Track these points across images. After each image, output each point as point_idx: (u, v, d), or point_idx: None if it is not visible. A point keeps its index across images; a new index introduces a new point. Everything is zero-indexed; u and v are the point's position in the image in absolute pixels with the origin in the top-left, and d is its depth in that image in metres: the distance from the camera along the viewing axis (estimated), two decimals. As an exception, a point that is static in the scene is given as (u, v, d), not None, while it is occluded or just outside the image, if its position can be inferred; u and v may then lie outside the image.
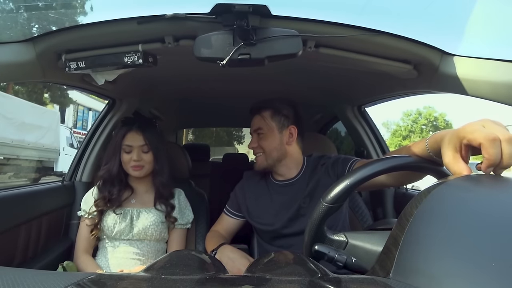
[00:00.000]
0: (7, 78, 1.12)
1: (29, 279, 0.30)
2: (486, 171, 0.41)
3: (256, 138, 1.05)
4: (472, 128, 0.43)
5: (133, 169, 1.07)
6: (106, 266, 1.05)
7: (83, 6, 0.96)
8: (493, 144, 0.41)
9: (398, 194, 1.43)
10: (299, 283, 0.38)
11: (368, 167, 0.55)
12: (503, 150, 0.41)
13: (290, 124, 1.04)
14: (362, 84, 1.27)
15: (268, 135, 1.03)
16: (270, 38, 0.72)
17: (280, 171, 1.06)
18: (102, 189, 1.09)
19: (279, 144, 1.03)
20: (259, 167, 1.05)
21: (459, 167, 0.45)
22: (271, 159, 1.03)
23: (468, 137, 0.44)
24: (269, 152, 1.02)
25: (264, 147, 1.03)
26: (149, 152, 1.09)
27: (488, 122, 0.44)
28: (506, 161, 0.41)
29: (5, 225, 0.93)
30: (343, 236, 0.56)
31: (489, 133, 0.42)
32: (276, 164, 1.04)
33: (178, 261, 0.50)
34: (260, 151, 1.04)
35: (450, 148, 0.46)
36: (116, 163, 1.08)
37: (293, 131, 1.04)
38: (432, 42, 0.79)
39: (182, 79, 1.35)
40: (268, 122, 1.03)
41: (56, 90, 12.30)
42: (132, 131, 1.08)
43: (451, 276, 0.29)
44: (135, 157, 1.06)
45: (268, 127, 1.03)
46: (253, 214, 1.06)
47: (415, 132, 21.54)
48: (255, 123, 1.05)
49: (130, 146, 1.07)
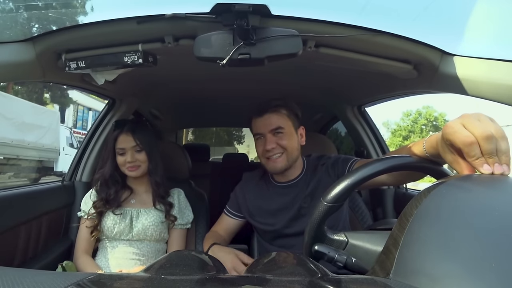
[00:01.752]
0: (7, 78, 1.12)
1: (29, 279, 0.30)
2: (482, 171, 0.42)
3: (273, 139, 0.97)
4: (452, 129, 0.43)
5: (129, 170, 1.09)
6: (106, 267, 1.05)
7: (83, 6, 0.96)
8: (471, 148, 0.41)
9: (398, 194, 1.43)
10: (299, 283, 0.38)
11: (368, 167, 0.54)
12: (482, 149, 0.41)
13: (300, 124, 1.04)
14: (362, 84, 1.27)
15: (290, 134, 0.98)
16: (270, 38, 0.71)
17: (288, 172, 1.02)
18: (100, 191, 1.10)
19: (298, 144, 1.00)
20: (277, 168, 0.98)
21: (459, 167, 0.45)
22: (292, 159, 0.99)
23: (449, 138, 0.44)
24: (291, 151, 0.97)
25: (286, 147, 0.97)
26: (142, 151, 1.10)
27: (468, 119, 0.43)
28: (490, 159, 0.41)
29: (5, 225, 0.93)
30: (343, 236, 0.56)
31: (466, 137, 0.42)
32: (292, 165, 1.00)
33: (178, 261, 0.50)
34: (279, 151, 0.97)
35: (446, 151, 0.47)
36: (110, 166, 1.10)
37: (303, 132, 1.04)
38: (432, 42, 0.79)
39: (182, 79, 1.35)
40: (287, 120, 0.99)
41: (56, 90, 12.30)
42: (123, 134, 1.09)
43: (451, 276, 0.29)
44: (129, 158, 1.08)
45: (289, 126, 0.98)
46: (254, 214, 1.06)
47: (415, 132, 21.53)
48: (273, 122, 0.97)
49: (123, 148, 1.08)
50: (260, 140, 1.00)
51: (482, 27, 0.80)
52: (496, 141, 0.41)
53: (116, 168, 1.10)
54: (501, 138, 0.41)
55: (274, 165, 0.98)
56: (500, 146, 0.41)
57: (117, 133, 1.10)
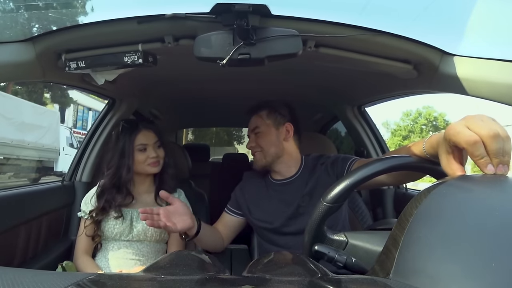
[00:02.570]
0: (7, 78, 1.12)
1: (28, 279, 0.30)
2: (485, 172, 0.41)
3: (253, 138, 1.08)
4: (455, 130, 0.43)
5: (151, 165, 1.09)
6: (106, 267, 1.05)
7: (83, 6, 0.95)
8: (475, 147, 0.41)
9: (398, 194, 1.43)
10: (299, 283, 0.38)
11: (368, 167, 0.54)
12: (488, 149, 0.40)
13: (286, 121, 1.08)
14: (362, 84, 1.27)
15: (265, 132, 1.06)
16: (270, 38, 0.71)
17: (278, 168, 1.07)
18: (101, 198, 1.07)
19: (276, 140, 1.05)
20: (257, 164, 1.07)
21: (452, 168, 0.45)
22: (270, 155, 1.05)
23: (453, 140, 0.44)
24: (267, 148, 1.05)
25: (261, 144, 1.05)
26: (161, 147, 1.13)
27: (471, 120, 0.43)
28: (495, 159, 0.40)
29: (5, 225, 0.93)
30: (343, 236, 0.56)
31: (470, 136, 0.41)
32: (275, 160, 1.06)
33: (178, 261, 0.50)
34: (258, 149, 1.06)
35: (443, 151, 0.47)
36: (129, 167, 1.06)
37: (290, 128, 1.08)
38: (432, 42, 0.79)
39: (182, 79, 1.35)
40: (265, 120, 1.07)
41: (56, 90, 12.30)
42: (143, 130, 1.10)
43: (451, 276, 0.29)
44: (153, 153, 1.09)
45: (265, 125, 1.06)
46: (253, 213, 1.07)
47: (415, 132, 21.52)
48: (252, 123, 1.09)
49: (145, 144, 1.09)
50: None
51: (482, 27, 0.80)
52: (503, 141, 0.40)
53: (130, 170, 1.07)
54: (507, 138, 0.41)
55: (255, 161, 1.09)
56: (505, 146, 0.41)
57: (135, 131, 1.09)
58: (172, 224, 0.86)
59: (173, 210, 0.89)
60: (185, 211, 0.92)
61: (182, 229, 0.90)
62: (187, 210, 0.93)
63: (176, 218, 0.88)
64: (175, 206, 0.90)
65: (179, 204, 0.92)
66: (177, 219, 0.88)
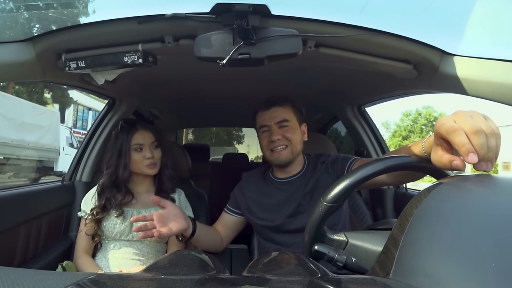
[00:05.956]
0: (7, 78, 1.12)
1: (29, 279, 0.30)
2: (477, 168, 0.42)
3: (278, 131, 1.01)
4: (441, 122, 0.44)
5: (148, 167, 1.08)
6: (106, 267, 1.05)
7: (84, 5, 0.95)
8: (454, 135, 0.42)
9: (398, 194, 1.43)
10: (299, 283, 0.38)
11: (368, 166, 0.54)
12: (473, 143, 0.41)
13: (303, 121, 1.07)
14: (362, 84, 1.27)
15: (294, 128, 1.02)
16: (270, 38, 0.71)
17: (291, 167, 1.06)
18: (102, 196, 1.07)
19: (301, 138, 1.04)
20: (283, 161, 1.01)
21: (441, 159, 0.46)
22: (296, 152, 1.03)
23: (438, 131, 0.45)
24: (295, 144, 1.02)
25: (291, 139, 1.01)
26: (159, 147, 1.11)
27: (459, 114, 0.44)
28: (481, 154, 0.41)
29: (5, 225, 0.93)
30: (343, 235, 0.56)
31: (451, 126, 0.42)
32: (295, 158, 1.04)
33: (178, 261, 0.50)
34: (284, 143, 1.01)
35: (434, 148, 0.48)
36: (126, 166, 1.06)
37: (305, 129, 1.08)
38: (432, 42, 0.79)
39: (182, 79, 1.35)
40: (292, 115, 1.03)
41: (56, 89, 12.29)
42: (140, 130, 1.09)
43: (451, 276, 0.29)
44: (149, 154, 1.07)
45: (294, 120, 1.03)
46: (254, 211, 1.07)
47: (415, 132, 21.53)
48: (278, 115, 1.01)
49: (141, 144, 1.08)
50: (266, 133, 1.03)
51: (482, 27, 0.80)
52: (486, 137, 0.41)
53: (126, 168, 1.07)
54: (490, 134, 0.41)
55: (278, 157, 1.01)
56: (489, 143, 0.41)
57: (132, 130, 1.09)
58: (167, 229, 0.85)
59: (166, 214, 0.88)
60: (178, 213, 0.91)
61: (178, 231, 0.89)
62: (180, 212, 0.92)
63: (171, 221, 0.88)
64: (167, 210, 0.90)
65: (171, 207, 0.91)
66: (172, 222, 0.88)
